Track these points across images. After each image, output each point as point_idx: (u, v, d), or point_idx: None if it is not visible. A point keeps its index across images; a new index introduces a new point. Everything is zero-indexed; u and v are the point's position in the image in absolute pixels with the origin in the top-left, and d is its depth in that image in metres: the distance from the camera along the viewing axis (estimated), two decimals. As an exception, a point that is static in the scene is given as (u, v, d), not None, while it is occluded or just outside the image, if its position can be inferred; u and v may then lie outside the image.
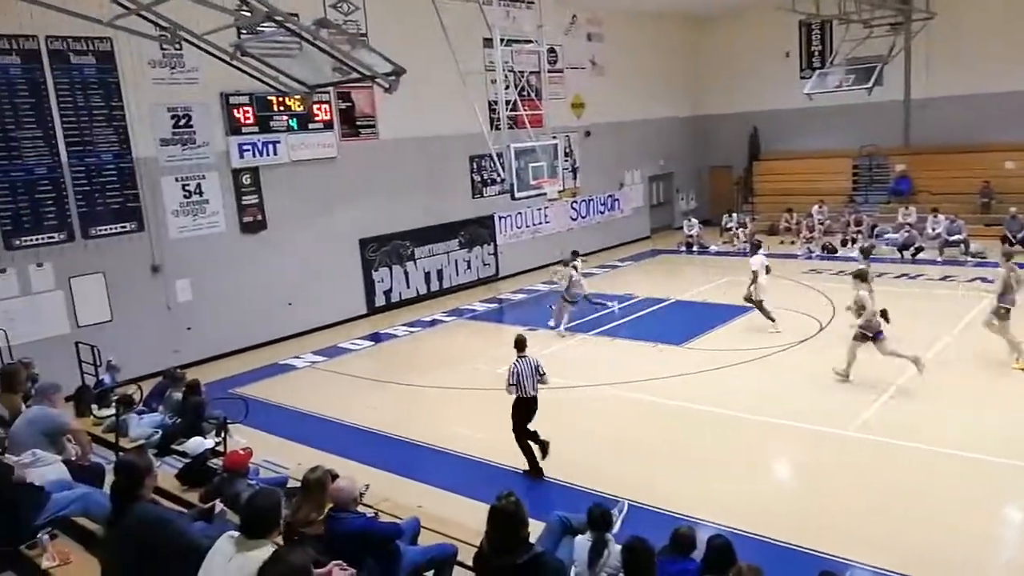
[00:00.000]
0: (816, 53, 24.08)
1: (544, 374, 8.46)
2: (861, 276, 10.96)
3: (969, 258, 18.20)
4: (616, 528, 5.41)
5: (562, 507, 5.71)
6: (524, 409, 8.46)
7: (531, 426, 8.53)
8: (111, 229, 12.98)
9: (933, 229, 18.97)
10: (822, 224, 21.27)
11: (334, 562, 4.29)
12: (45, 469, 6.03)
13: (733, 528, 6.75)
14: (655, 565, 4.66)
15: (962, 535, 6.82)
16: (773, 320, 13.32)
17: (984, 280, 15.98)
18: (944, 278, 16.65)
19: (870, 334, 10.32)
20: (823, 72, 20.69)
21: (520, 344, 8.57)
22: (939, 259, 18.08)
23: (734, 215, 23.18)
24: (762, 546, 6.66)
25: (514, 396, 8.43)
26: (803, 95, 20.86)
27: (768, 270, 13.73)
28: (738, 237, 22.05)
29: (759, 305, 13.48)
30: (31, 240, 12.15)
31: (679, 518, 6.77)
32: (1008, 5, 20.50)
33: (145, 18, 6.99)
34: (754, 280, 13.44)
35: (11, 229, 11.95)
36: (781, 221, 22.47)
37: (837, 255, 20.04)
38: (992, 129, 20.97)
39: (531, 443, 8.56)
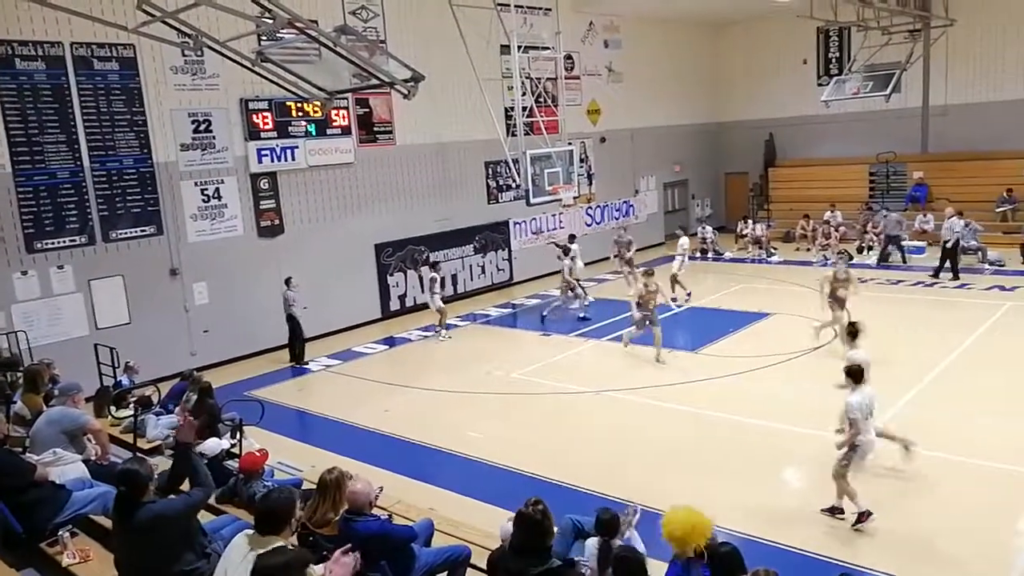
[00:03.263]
0: (834, 60, 23.98)
1: (305, 308, 14.09)
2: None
3: (987, 266, 18.03)
4: (629, 532, 5.40)
5: (574, 511, 5.73)
6: (290, 326, 13.97)
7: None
8: (131, 233, 13.14)
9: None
10: (837, 230, 21.14)
11: (339, 549, 4.23)
12: (66, 468, 6.14)
13: (750, 535, 6.75)
14: (646, 574, 4.68)
15: (979, 544, 6.76)
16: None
17: (1002, 289, 15.87)
18: (961, 286, 16.52)
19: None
20: (840, 79, 20.64)
21: (287, 281, 13.88)
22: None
23: (749, 222, 23.10)
24: (780, 553, 6.65)
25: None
26: (820, 102, 20.82)
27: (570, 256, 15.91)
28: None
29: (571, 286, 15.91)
30: (52, 243, 12.31)
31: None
32: (1028, 12, 20.38)
33: (169, 25, 7.11)
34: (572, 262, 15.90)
35: (33, 232, 12.11)
36: (797, 228, 22.36)
37: (853, 262, 19.87)
38: (1012, 137, 20.78)
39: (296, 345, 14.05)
